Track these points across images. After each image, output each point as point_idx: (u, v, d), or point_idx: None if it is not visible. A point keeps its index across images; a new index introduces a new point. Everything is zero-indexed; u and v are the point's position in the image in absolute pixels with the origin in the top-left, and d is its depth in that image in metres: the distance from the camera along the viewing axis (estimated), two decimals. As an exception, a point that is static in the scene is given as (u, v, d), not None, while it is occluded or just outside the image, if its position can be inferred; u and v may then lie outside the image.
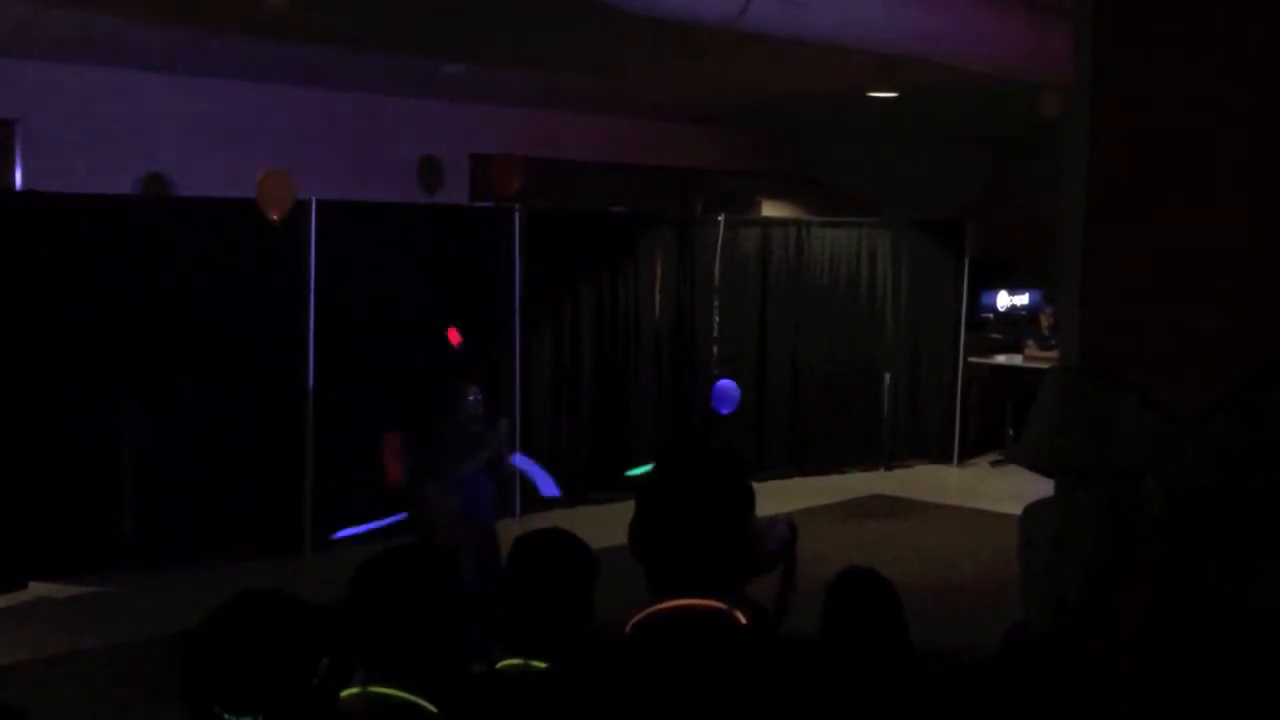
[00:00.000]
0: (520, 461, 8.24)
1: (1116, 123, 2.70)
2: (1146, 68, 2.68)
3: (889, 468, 12.76)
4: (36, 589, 8.28)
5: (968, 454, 13.15)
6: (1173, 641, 2.45)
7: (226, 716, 2.08)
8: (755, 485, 2.45)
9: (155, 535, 8.70)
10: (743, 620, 2.27)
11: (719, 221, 11.87)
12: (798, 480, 11.61)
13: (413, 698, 2.53)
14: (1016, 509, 2.83)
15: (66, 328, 8.44)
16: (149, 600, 8.05)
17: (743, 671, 2.20)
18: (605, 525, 7.36)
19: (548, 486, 8.01)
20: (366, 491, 9.01)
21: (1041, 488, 2.84)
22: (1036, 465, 2.72)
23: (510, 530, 3.72)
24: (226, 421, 8.98)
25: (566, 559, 3.01)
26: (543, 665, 2.82)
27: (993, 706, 3.13)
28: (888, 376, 12.79)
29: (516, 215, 10.40)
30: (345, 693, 2.55)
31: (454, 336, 8.30)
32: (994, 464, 12.92)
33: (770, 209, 15.41)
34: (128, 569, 8.54)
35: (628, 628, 2.29)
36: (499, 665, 2.86)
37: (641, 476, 2.45)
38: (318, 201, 9.23)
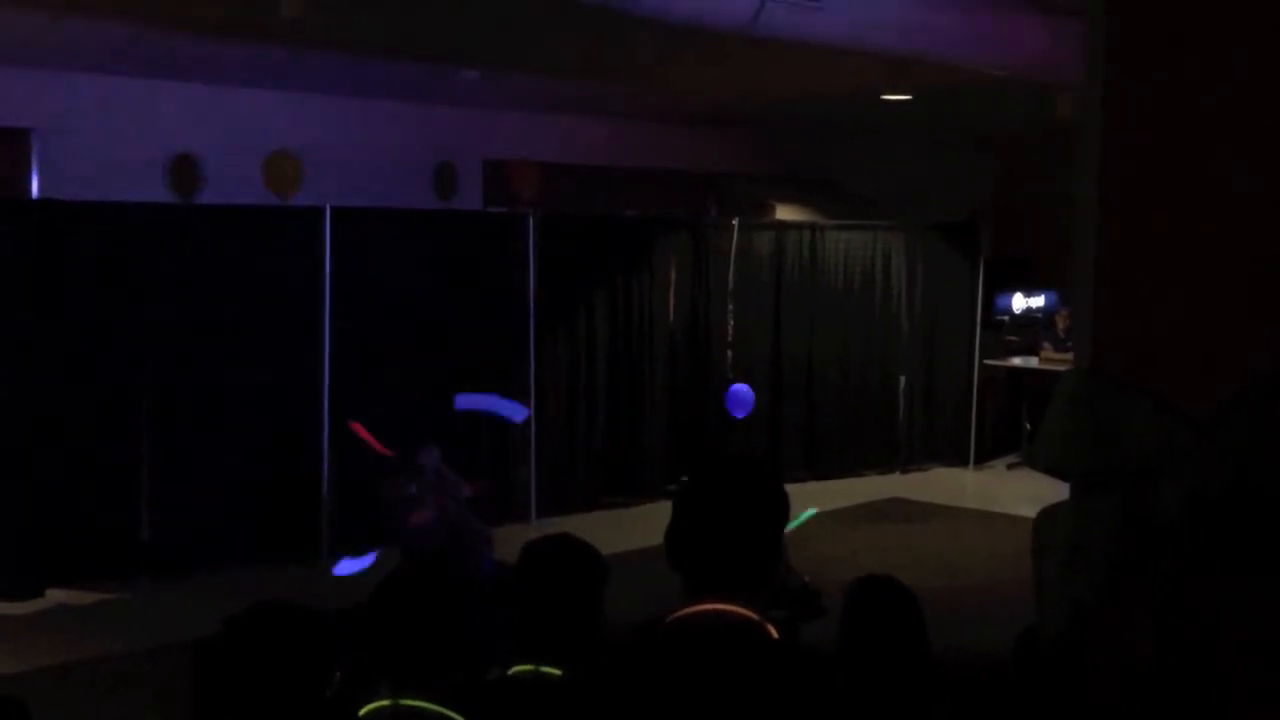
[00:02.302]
0: (476, 402, 7.87)
1: (1129, 125, 2.69)
2: (1159, 70, 2.67)
3: (905, 471, 12.73)
4: (55, 596, 8.31)
5: (984, 457, 13.11)
6: (1189, 647, 2.44)
7: None
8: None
9: (173, 543, 8.72)
10: (774, 634, 2.30)
11: (733, 225, 11.87)
12: (813, 484, 11.57)
13: (445, 710, 2.53)
14: (1033, 512, 2.82)
15: (83, 335, 8.47)
16: (167, 607, 8.07)
17: (769, 685, 2.22)
18: (620, 530, 7.42)
19: (515, 412, 7.72)
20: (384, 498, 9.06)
21: (1058, 491, 2.83)
22: (1052, 469, 2.72)
23: (525, 535, 3.72)
24: (243, 428, 9.00)
25: (575, 564, 3.02)
26: (555, 670, 2.83)
27: (1007, 711, 3.12)
28: (903, 379, 12.77)
29: (530, 220, 10.41)
30: (373, 705, 2.55)
31: (360, 431, 8.12)
32: (1010, 467, 12.89)
33: (784, 212, 15.38)
34: (146, 576, 8.57)
35: (661, 628, 2.31)
36: (511, 671, 2.87)
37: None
38: (332, 208, 9.25)
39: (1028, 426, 12.80)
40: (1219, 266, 2.58)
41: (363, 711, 2.53)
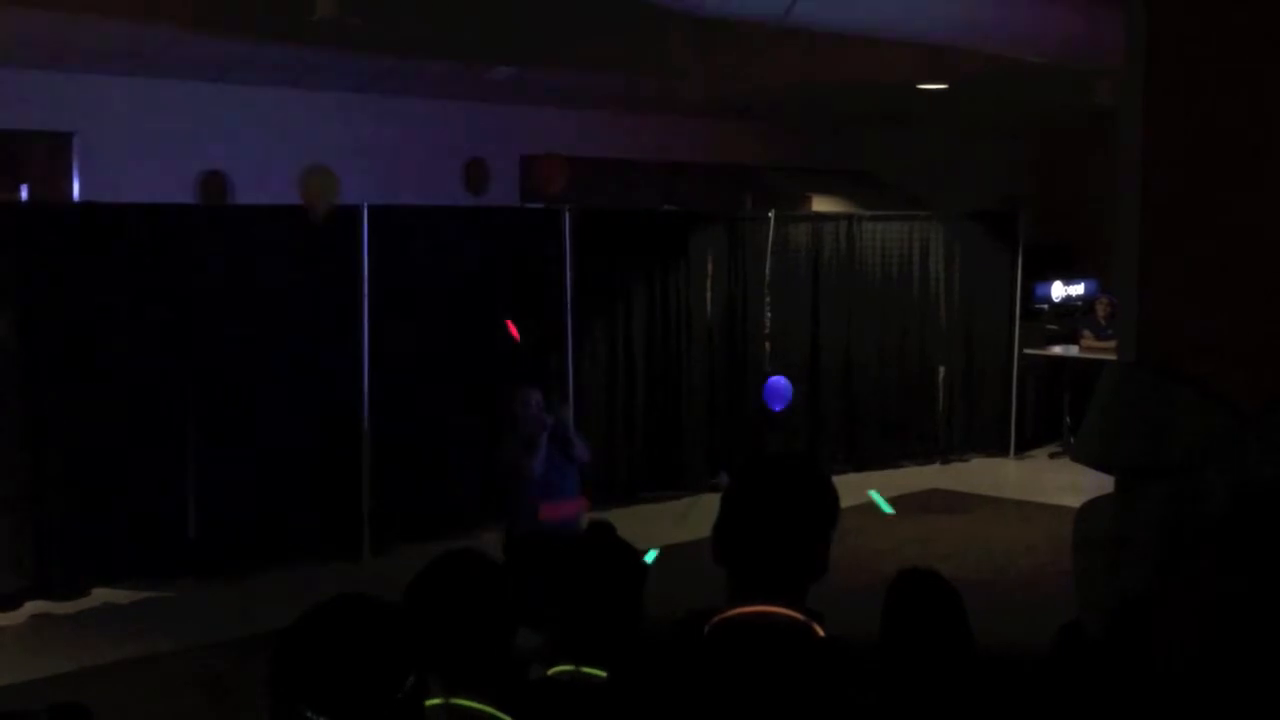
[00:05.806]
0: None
1: (1171, 110, 2.66)
2: (1201, 53, 2.64)
3: (945, 462, 12.67)
4: (100, 595, 8.39)
5: (1025, 446, 13.03)
6: (1236, 640, 2.41)
7: (310, 716, 2.05)
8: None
9: (218, 541, 8.78)
10: (820, 633, 2.29)
11: (769, 218, 11.83)
12: (853, 476, 11.52)
13: (496, 712, 2.52)
14: (1075, 501, 2.80)
15: (127, 336, 8.53)
16: (213, 605, 8.13)
17: (817, 686, 2.21)
18: (659, 524, 7.41)
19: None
20: (424, 494, 9.14)
21: (1100, 481, 2.80)
22: (1096, 463, 2.69)
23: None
24: (286, 427, 9.05)
25: (613, 564, 3.01)
26: (595, 670, 2.82)
27: (1049, 705, 3.09)
28: (942, 370, 12.70)
29: (566, 216, 10.42)
30: (428, 703, 2.53)
31: (513, 330, 8.23)
32: (1052, 456, 12.80)
33: (820, 204, 15.33)
34: (191, 574, 8.63)
35: (706, 628, 2.31)
36: (551, 672, 2.86)
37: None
38: (369, 207, 9.29)
39: (1068, 419, 12.71)
40: (1265, 256, 2.55)
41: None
